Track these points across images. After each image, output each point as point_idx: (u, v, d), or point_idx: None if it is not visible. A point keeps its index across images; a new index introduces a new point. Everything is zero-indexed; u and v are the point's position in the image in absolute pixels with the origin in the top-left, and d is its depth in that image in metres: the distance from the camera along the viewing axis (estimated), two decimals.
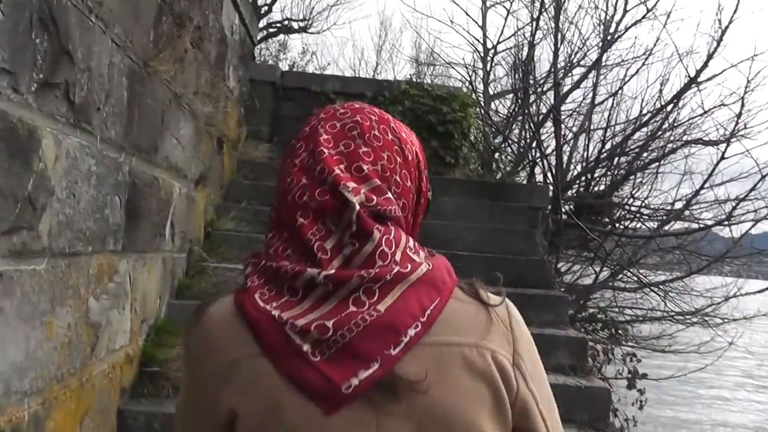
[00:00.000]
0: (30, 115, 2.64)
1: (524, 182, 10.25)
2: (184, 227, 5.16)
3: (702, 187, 9.91)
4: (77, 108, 3.05)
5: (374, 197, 1.19)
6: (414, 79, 8.97)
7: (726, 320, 9.89)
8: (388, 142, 1.26)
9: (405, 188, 1.27)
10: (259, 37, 13.44)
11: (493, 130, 11.25)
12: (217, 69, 5.74)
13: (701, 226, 9.98)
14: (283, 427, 1.08)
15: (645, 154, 10.17)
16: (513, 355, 1.20)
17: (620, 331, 9.92)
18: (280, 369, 1.09)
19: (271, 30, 15.34)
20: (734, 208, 9.59)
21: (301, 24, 15.51)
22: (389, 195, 1.22)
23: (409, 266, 1.14)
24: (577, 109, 11.00)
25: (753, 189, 9.39)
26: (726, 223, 9.66)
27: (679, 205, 10.11)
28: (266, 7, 14.67)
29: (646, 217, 10.41)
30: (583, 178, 10.44)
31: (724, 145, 9.72)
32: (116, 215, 3.70)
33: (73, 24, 2.90)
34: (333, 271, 1.11)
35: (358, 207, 1.15)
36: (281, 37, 16.74)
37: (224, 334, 1.15)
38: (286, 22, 15.48)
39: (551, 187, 9.07)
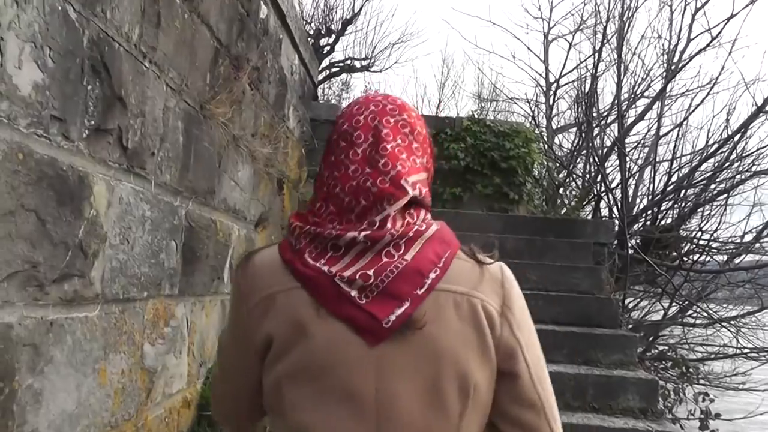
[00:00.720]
0: (81, 161, 2.63)
1: (589, 217, 10.06)
2: None
3: None
4: (130, 153, 3.04)
5: (422, 189, 1.49)
6: (476, 115, 8.87)
7: None
8: (426, 137, 1.57)
9: (432, 173, 1.59)
10: (321, 77, 13.56)
11: (557, 164, 11.09)
12: (276, 110, 5.74)
13: None
14: (309, 346, 1.37)
15: (713, 186, 9.90)
16: (502, 306, 1.44)
17: (691, 370, 9.60)
18: (331, 310, 1.36)
19: (333, 70, 15.44)
20: None
21: (364, 63, 15.57)
22: (427, 182, 1.54)
23: (425, 226, 1.44)
24: (642, 141, 10.80)
25: None
26: None
27: (748, 238, 9.80)
28: (328, 47, 14.78)
29: (715, 251, 10.10)
30: (650, 212, 10.19)
31: None
32: (172, 259, 3.68)
33: (125, 70, 2.90)
34: (369, 231, 1.39)
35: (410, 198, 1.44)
36: (344, 76, 16.83)
37: (267, 274, 1.45)
38: (348, 62, 15.55)
39: (617, 222, 8.87)
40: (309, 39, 7.74)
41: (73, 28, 2.47)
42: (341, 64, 15.88)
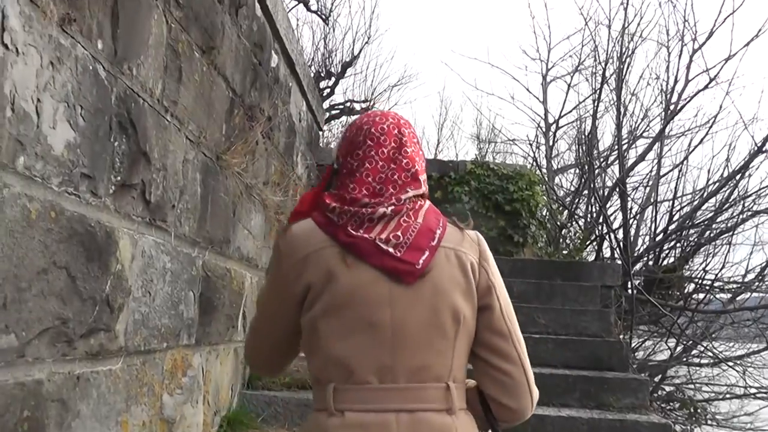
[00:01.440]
0: (107, 217, 2.66)
1: (591, 258, 10.07)
2: None
3: None
4: (153, 207, 3.07)
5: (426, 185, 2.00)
6: (478, 158, 8.95)
7: None
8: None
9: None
10: None
11: (559, 206, 11.14)
12: (286, 157, 5.79)
13: None
14: (339, 290, 1.80)
15: (714, 226, 9.94)
16: (479, 259, 1.91)
17: (699, 410, 9.56)
18: (370, 261, 1.80)
19: (333, 112, 15.54)
20: None
21: (364, 105, 15.66)
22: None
23: (421, 202, 1.91)
24: (643, 182, 10.86)
25: None
26: None
27: (750, 276, 9.82)
28: (328, 90, 14.89)
29: (718, 290, 10.11)
30: (652, 252, 10.22)
31: None
32: (190, 310, 3.69)
33: (149, 125, 2.94)
34: (394, 207, 1.84)
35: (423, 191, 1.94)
36: (344, 118, 16.94)
37: (304, 239, 1.86)
38: (348, 104, 15.65)
39: (620, 263, 8.89)
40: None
41: (102, 86, 2.51)
42: (341, 107, 15.98)
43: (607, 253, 10.28)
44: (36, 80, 2.09)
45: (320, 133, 7.77)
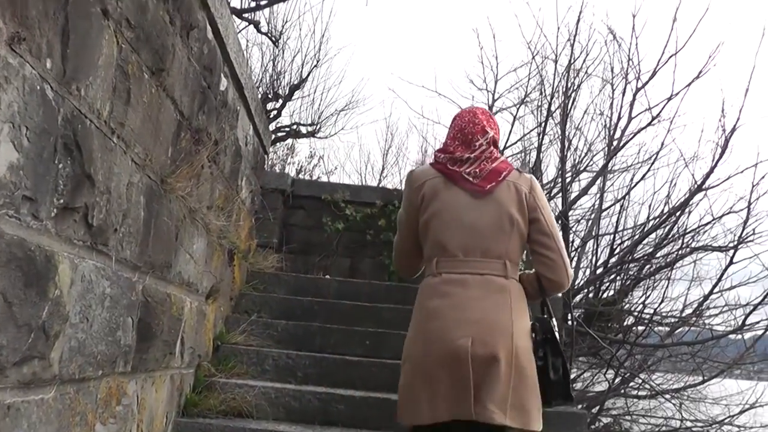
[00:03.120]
0: (48, 241, 2.57)
1: None
2: (193, 342, 5.04)
3: (711, 293, 9.84)
4: (95, 231, 2.98)
5: (495, 137, 3.38)
6: None
7: (744, 428, 9.67)
8: (495, 124, 3.43)
9: (499, 136, 3.50)
10: None
11: None
12: (230, 181, 5.71)
13: (714, 335, 9.83)
14: (441, 201, 3.13)
15: (654, 261, 10.11)
16: (530, 190, 3.16)
17: None
18: (459, 185, 3.15)
19: (280, 134, 15.47)
20: (746, 317, 9.49)
21: (310, 129, 15.64)
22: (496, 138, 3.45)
23: (497, 154, 3.26)
24: (585, 215, 10.99)
25: (763, 300, 9.30)
26: (739, 332, 9.55)
27: (689, 311, 10.00)
28: (275, 111, 14.83)
29: (657, 324, 10.27)
30: (593, 286, 10.35)
31: (733, 250, 9.69)
32: (128, 336, 3.59)
33: (96, 147, 2.86)
34: (474, 153, 3.17)
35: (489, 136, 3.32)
36: (289, 141, 16.87)
37: (422, 172, 3.26)
38: (295, 127, 15.61)
39: (560, 295, 8.97)
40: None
41: (49, 106, 2.44)
42: (287, 129, 15.92)
43: None
44: None
45: (266, 156, 7.70)
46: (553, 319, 3.19)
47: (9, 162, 2.20)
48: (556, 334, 3.17)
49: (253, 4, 12.34)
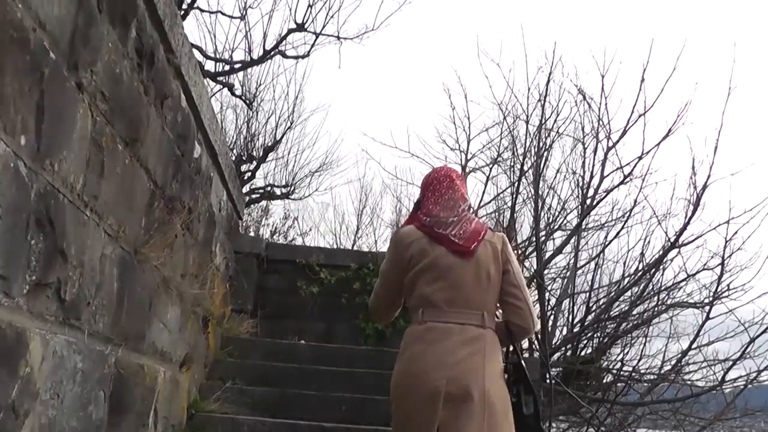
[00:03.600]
0: (20, 318, 2.53)
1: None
2: (167, 412, 4.95)
3: (689, 349, 9.84)
4: (67, 305, 2.94)
5: (470, 205, 3.76)
6: None
7: None
8: (464, 185, 3.78)
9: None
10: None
11: None
12: (205, 248, 5.69)
13: (694, 392, 9.81)
14: (429, 259, 3.37)
15: (630, 318, 10.11)
16: (503, 247, 3.46)
17: None
18: (444, 245, 3.39)
19: (254, 196, 15.45)
20: (726, 373, 9.49)
21: (284, 190, 15.64)
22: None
23: (474, 216, 3.57)
24: (561, 273, 11.02)
25: (742, 356, 9.32)
26: (719, 388, 9.54)
27: (668, 367, 9.98)
28: (249, 173, 14.83)
29: (636, 381, 10.24)
30: (570, 344, 10.32)
31: (709, 306, 9.74)
32: (100, 410, 3.52)
33: (69, 221, 2.84)
34: (456, 217, 3.47)
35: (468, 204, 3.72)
36: (263, 202, 16.85)
37: (409, 233, 3.48)
38: (269, 189, 15.60)
39: (537, 355, 8.94)
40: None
41: (22, 183, 2.42)
42: (261, 191, 15.91)
43: (524, 344, 10.32)
44: None
45: (240, 221, 7.69)
46: (522, 361, 3.52)
47: None
48: (527, 375, 3.50)
49: (227, 68, 12.43)
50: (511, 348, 3.53)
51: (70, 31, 2.79)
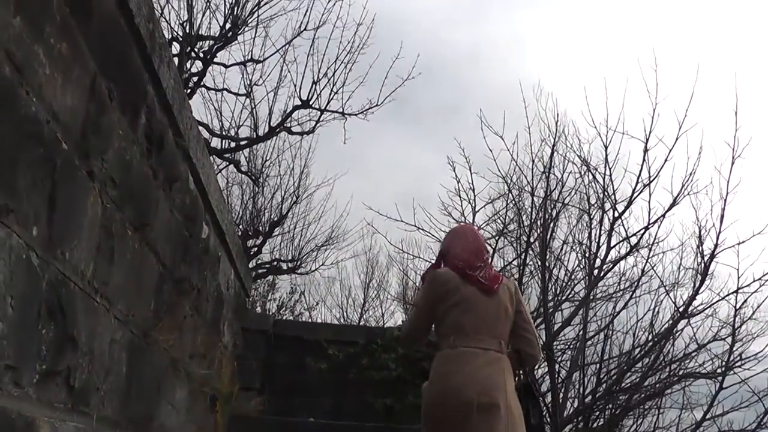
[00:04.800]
0: (29, 407, 2.53)
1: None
2: None
3: (704, 420, 9.74)
4: (76, 392, 2.95)
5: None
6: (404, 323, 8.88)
7: None
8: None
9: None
10: None
11: None
12: (213, 328, 5.69)
13: None
14: (461, 295, 3.98)
15: (643, 388, 10.02)
16: (515, 292, 4.15)
17: None
18: (475, 285, 4.02)
19: (260, 271, 15.45)
20: None
21: (290, 265, 15.63)
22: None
23: (491, 265, 4.46)
24: (570, 345, 10.94)
25: (758, 426, 9.22)
26: None
27: None
28: (256, 249, 14.84)
29: None
30: (582, 416, 10.20)
31: (721, 376, 9.66)
32: None
33: (79, 309, 2.87)
34: (483, 264, 4.14)
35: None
36: (270, 277, 16.84)
37: (445, 273, 4.13)
38: (275, 263, 15.60)
39: (548, 428, 8.84)
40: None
41: (34, 274, 2.46)
42: (268, 266, 15.90)
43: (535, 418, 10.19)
44: None
45: (247, 299, 7.69)
46: (530, 381, 4.28)
47: None
48: (535, 393, 4.34)
49: (233, 145, 12.56)
50: (521, 371, 4.24)
51: (81, 120, 2.85)
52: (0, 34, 2.16)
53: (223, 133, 12.25)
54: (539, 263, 10.55)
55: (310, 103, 11.29)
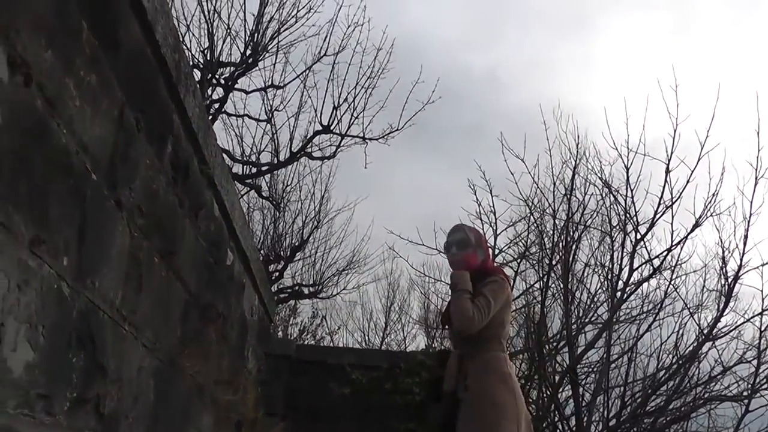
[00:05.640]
0: None
1: None
2: None
3: None
4: (106, 419, 2.97)
5: None
6: (427, 347, 8.90)
7: None
8: None
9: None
10: None
11: None
12: (237, 353, 5.71)
13: None
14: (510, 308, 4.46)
15: (668, 412, 9.93)
16: None
17: None
18: None
19: (282, 296, 15.48)
20: None
21: (312, 289, 15.66)
22: None
23: None
24: (594, 368, 10.86)
25: None
26: None
27: None
28: (277, 273, 14.88)
29: None
30: None
31: (747, 399, 9.56)
32: None
33: (108, 337, 2.90)
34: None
35: None
36: (292, 302, 16.86)
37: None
38: (296, 288, 15.63)
39: None
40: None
41: (65, 303, 2.49)
42: (289, 290, 15.93)
43: None
44: (2, 304, 2.06)
45: (271, 324, 7.72)
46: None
47: (25, 362, 2.23)
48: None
49: (254, 170, 12.63)
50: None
51: (110, 151, 2.89)
52: (33, 68, 2.20)
53: (245, 158, 12.33)
54: (561, 286, 10.51)
55: (331, 128, 11.35)
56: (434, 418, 4.48)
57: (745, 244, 9.51)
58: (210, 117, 10.67)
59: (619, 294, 10.46)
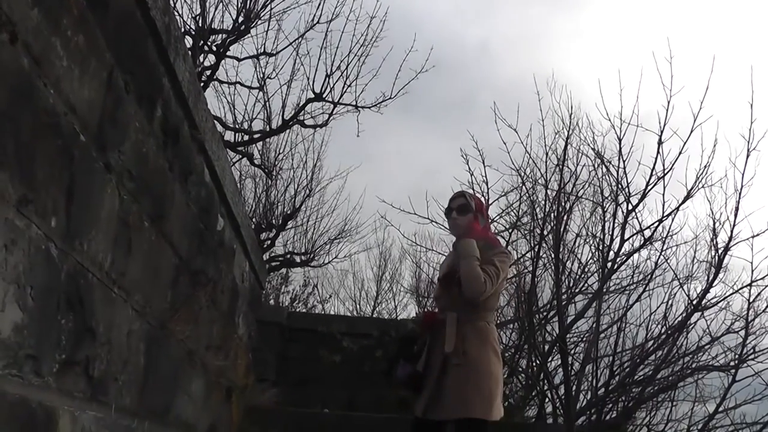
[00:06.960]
0: (49, 396, 2.56)
1: (534, 412, 10.01)
2: None
3: (716, 412, 9.69)
4: (95, 382, 2.98)
5: None
6: (418, 315, 8.93)
7: None
8: None
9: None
10: None
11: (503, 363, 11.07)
12: (228, 319, 5.72)
13: None
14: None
15: (656, 381, 10.00)
16: None
17: None
18: None
19: (273, 264, 15.49)
20: None
21: (303, 258, 15.68)
22: None
23: None
24: (583, 338, 10.92)
25: None
26: None
27: (695, 431, 9.81)
28: (269, 242, 14.88)
29: None
30: (594, 408, 10.19)
31: (734, 369, 9.62)
32: None
33: (97, 299, 2.89)
34: None
35: None
36: (283, 270, 16.89)
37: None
38: (288, 256, 15.64)
39: (561, 420, 8.84)
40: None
41: (53, 264, 2.48)
42: (281, 259, 15.94)
43: (548, 408, 10.23)
44: None
45: (262, 291, 7.73)
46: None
47: (14, 323, 2.23)
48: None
49: (246, 138, 12.58)
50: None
51: (98, 113, 2.87)
52: (18, 26, 2.17)
53: (237, 126, 12.29)
54: (552, 256, 10.50)
55: (324, 96, 11.30)
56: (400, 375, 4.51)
57: (735, 216, 9.51)
58: (202, 84, 10.61)
59: (609, 264, 10.47)
